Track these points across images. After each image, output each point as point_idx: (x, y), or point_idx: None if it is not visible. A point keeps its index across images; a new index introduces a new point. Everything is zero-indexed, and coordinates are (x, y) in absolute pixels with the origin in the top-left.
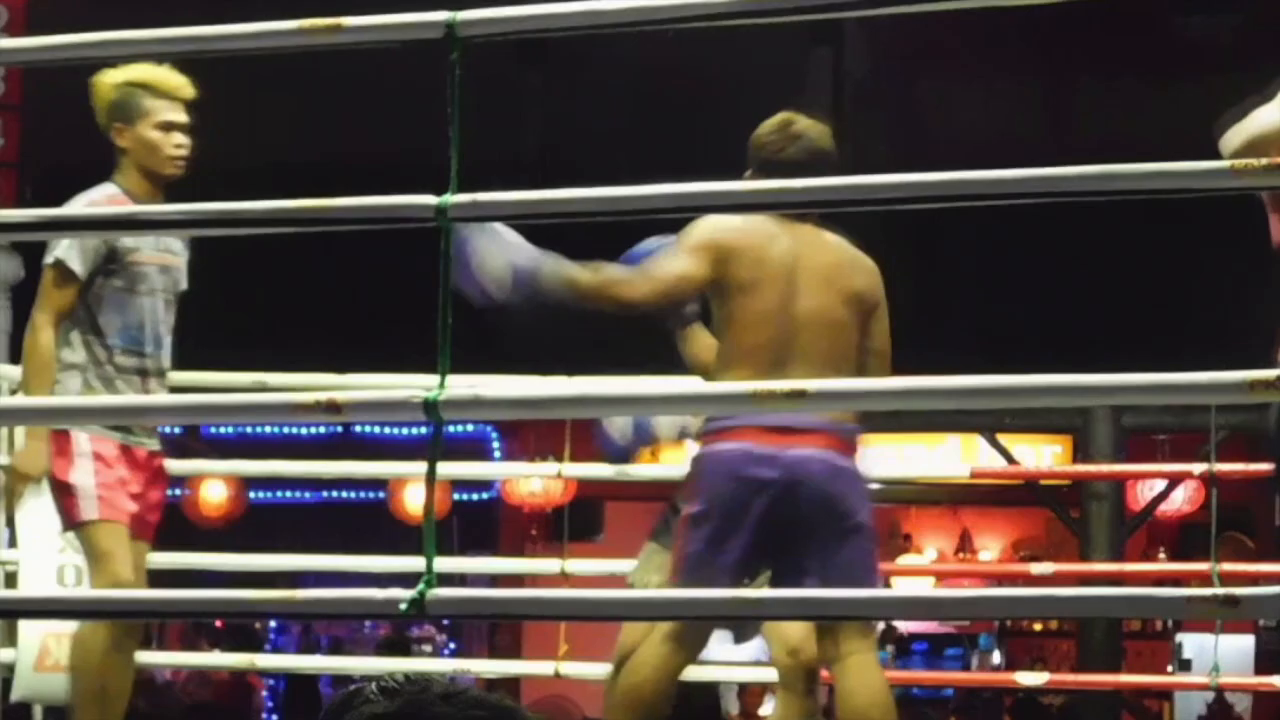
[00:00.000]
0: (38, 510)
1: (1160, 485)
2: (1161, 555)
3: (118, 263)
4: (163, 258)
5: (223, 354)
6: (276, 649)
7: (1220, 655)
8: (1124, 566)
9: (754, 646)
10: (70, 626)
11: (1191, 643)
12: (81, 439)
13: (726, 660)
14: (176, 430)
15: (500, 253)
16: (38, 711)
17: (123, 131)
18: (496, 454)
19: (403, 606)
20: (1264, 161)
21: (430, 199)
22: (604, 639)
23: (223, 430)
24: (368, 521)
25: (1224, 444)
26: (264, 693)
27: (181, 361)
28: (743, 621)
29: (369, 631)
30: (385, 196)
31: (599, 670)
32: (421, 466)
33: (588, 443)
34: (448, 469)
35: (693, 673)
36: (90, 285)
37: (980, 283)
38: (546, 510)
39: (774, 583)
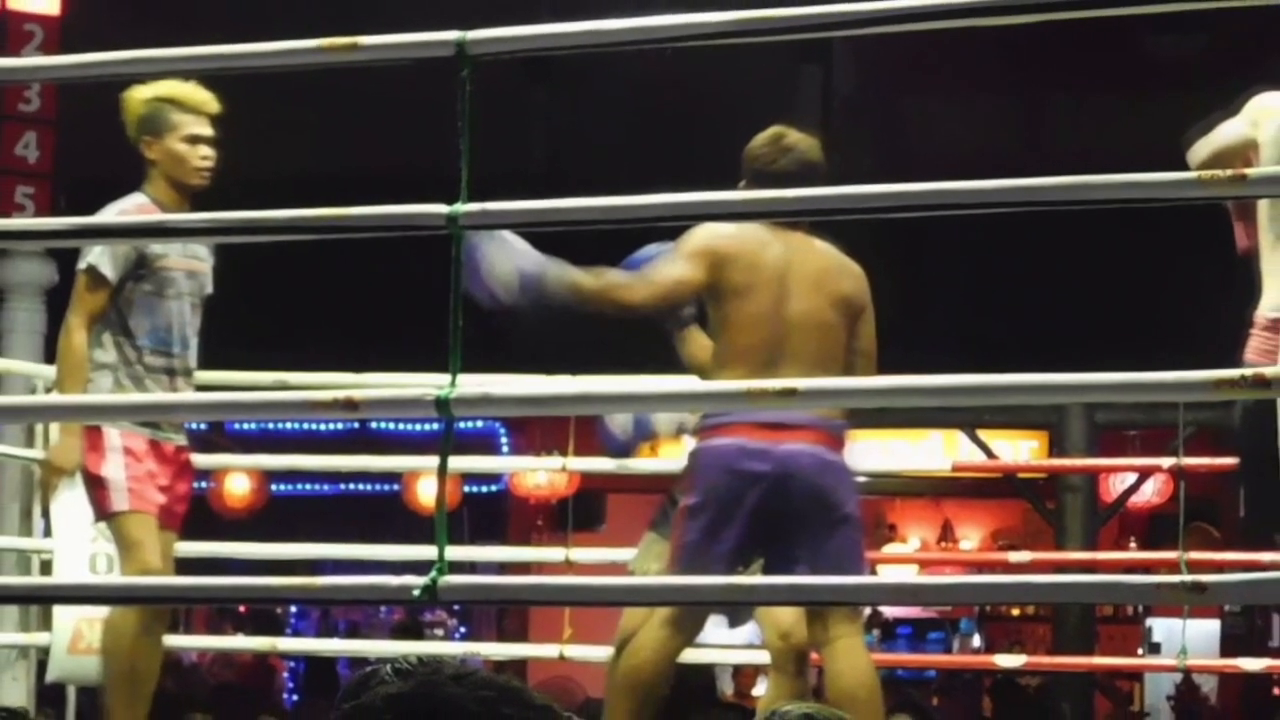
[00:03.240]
0: (71, 502)
1: (1131, 478)
2: (1132, 544)
3: (147, 268)
4: (189, 263)
5: (246, 354)
6: (297, 633)
7: (1188, 639)
8: (1097, 555)
9: (747, 630)
10: (102, 611)
11: (1161, 627)
12: (113, 434)
13: (721, 643)
14: (202, 426)
15: (508, 259)
16: (71, 692)
17: (151, 144)
18: (505, 449)
19: (416, 593)
20: (1229, 173)
21: (442, 208)
22: (606, 623)
23: (246, 426)
24: (383, 512)
25: (1191, 439)
26: (285, 674)
27: (207, 361)
28: (737, 607)
29: (384, 616)
30: (399, 206)
31: (601, 653)
32: (434, 461)
33: (591, 438)
34: (458, 463)
35: (689, 655)
36: (121, 289)
37: (962, 287)
38: (552, 502)
39: (766, 570)
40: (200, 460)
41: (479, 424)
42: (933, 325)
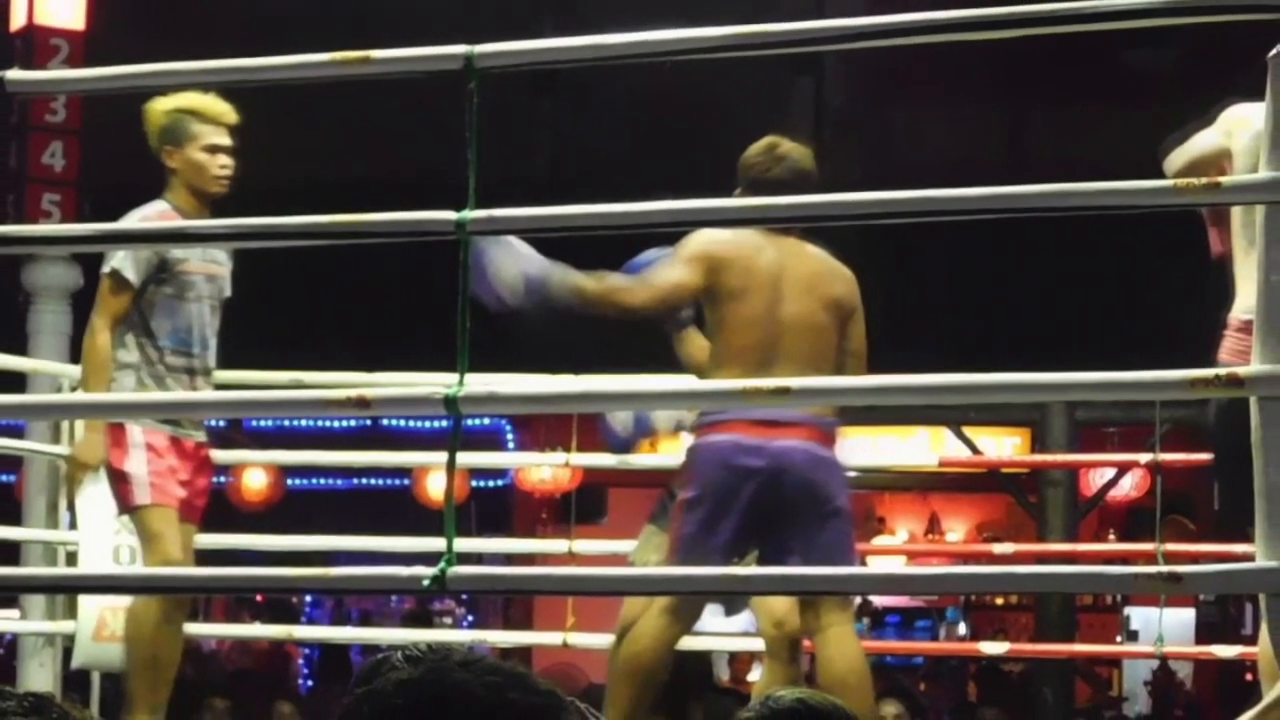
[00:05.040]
0: (96, 496)
1: (1110, 473)
2: (1111, 537)
3: (168, 272)
4: (209, 267)
5: (263, 354)
6: (311, 621)
7: (1164, 627)
8: (1077, 547)
9: (743, 619)
10: (125, 601)
11: (1138, 615)
12: (135, 431)
13: (718, 631)
14: (221, 423)
15: (514, 263)
16: (96, 678)
17: (172, 153)
18: (510, 445)
19: (426, 583)
20: (1203, 181)
21: (450, 214)
22: (608, 612)
23: (263, 423)
24: (394, 506)
25: (1168, 436)
26: (300, 661)
27: (226, 361)
28: (733, 596)
29: (395, 605)
30: (410, 212)
31: (603, 640)
32: (442, 456)
33: (593, 435)
34: (466, 458)
35: (687, 642)
36: (143, 292)
37: (948, 290)
38: (555, 496)
39: (761, 561)
40: (219, 456)
41: (486, 421)
42: (920, 327)
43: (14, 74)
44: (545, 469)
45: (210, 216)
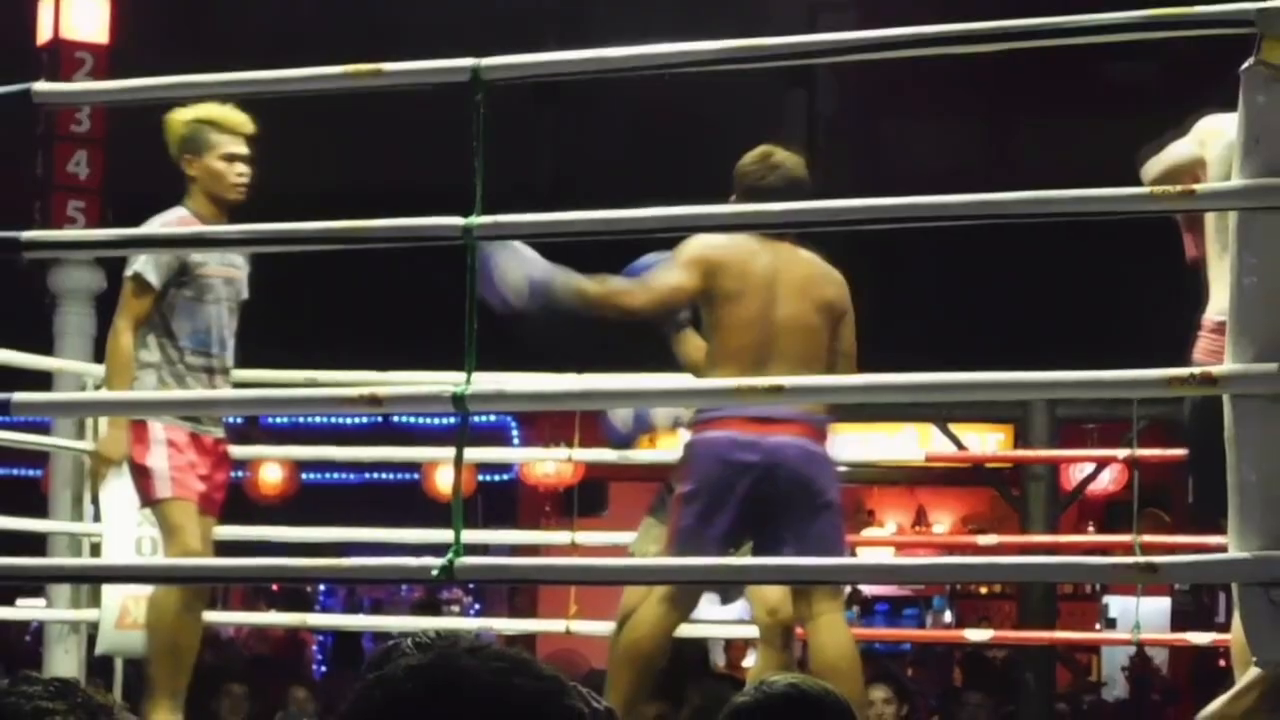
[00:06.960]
0: (119, 490)
1: (1090, 468)
2: (1090, 528)
3: (188, 275)
4: (227, 271)
5: (279, 354)
6: (325, 609)
7: (1141, 615)
8: (1058, 538)
9: (738, 607)
10: (147, 590)
11: (1116, 604)
12: (156, 428)
13: (714, 619)
14: (239, 420)
15: (518, 267)
16: (119, 664)
17: (192, 162)
18: (515, 441)
19: (434, 573)
20: (1179, 188)
21: (458, 220)
22: (609, 601)
23: (279, 420)
24: (404, 499)
25: (1145, 432)
26: (314, 647)
27: (243, 361)
28: (728, 585)
29: (405, 594)
30: (419, 218)
31: (604, 628)
32: (451, 452)
33: (595, 431)
34: (473, 454)
35: (685, 629)
36: (164, 295)
37: (935, 293)
38: (559, 489)
39: (755, 552)
40: (237, 451)
41: (492, 418)
42: (908, 328)
43: (41, 86)
44: (549, 464)
45: (228, 222)
